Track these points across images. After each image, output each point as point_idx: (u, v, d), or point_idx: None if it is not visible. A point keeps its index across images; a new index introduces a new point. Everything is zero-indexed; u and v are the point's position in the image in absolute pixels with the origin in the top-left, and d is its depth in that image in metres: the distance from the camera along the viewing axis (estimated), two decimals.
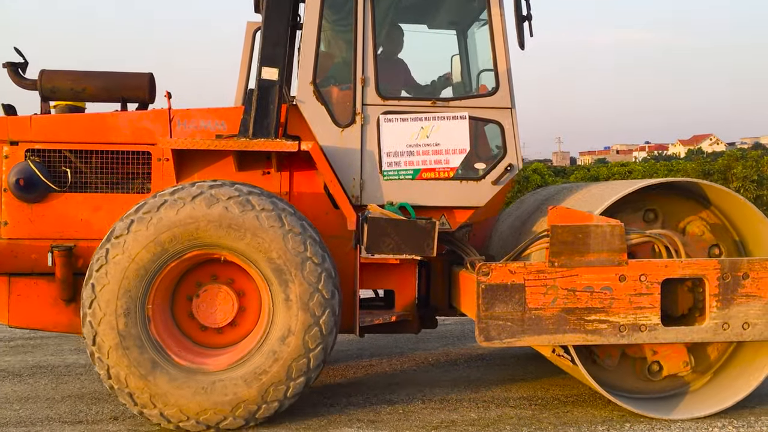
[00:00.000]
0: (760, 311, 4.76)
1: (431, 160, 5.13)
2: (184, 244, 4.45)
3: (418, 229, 4.89)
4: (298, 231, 4.49)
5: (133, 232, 4.40)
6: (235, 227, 4.43)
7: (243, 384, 4.47)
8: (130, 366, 4.41)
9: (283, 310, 4.49)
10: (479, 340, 4.63)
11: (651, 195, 5.07)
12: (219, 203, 4.44)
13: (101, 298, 4.39)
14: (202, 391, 4.44)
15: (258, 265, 4.49)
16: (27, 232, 5.08)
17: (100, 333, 4.40)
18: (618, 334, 4.69)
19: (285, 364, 4.48)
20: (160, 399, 4.42)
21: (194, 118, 5.22)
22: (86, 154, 5.15)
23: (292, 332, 4.48)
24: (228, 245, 4.47)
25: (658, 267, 4.72)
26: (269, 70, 5.00)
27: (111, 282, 4.39)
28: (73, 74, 5.24)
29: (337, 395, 5.41)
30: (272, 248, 4.45)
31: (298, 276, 4.47)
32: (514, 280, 4.63)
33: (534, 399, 5.37)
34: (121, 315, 4.40)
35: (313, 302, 4.48)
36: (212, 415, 4.46)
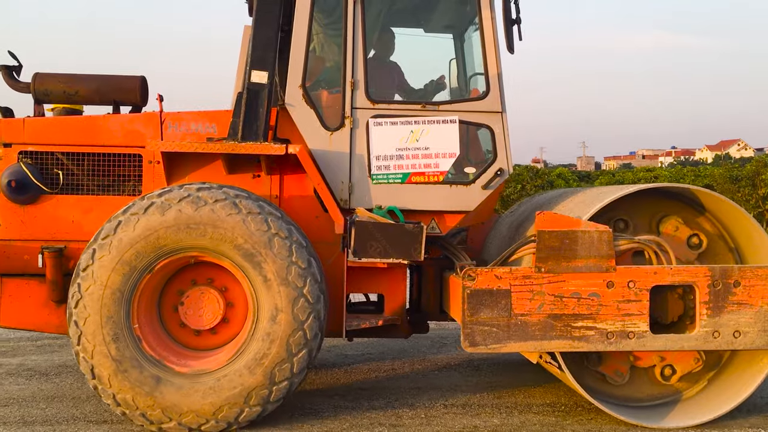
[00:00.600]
0: (752, 319, 4.68)
1: (421, 164, 5.11)
2: (151, 257, 4.46)
3: (406, 233, 4.87)
4: (257, 212, 4.48)
5: (98, 259, 4.42)
6: (194, 225, 4.44)
7: (247, 373, 4.47)
8: (134, 387, 4.43)
9: (265, 291, 4.48)
10: (464, 346, 4.59)
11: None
12: (172, 208, 4.44)
13: (87, 332, 4.41)
14: (211, 392, 4.46)
15: (228, 255, 4.49)
16: (19, 233, 5.12)
17: (96, 365, 4.42)
18: (605, 341, 4.63)
19: (282, 342, 4.46)
20: (173, 410, 4.44)
21: (185, 121, 5.24)
22: (78, 157, 5.19)
23: (279, 309, 4.47)
24: (193, 245, 4.48)
25: (647, 274, 4.66)
26: (259, 74, 5.01)
27: (92, 314, 4.41)
28: (66, 77, 5.28)
29: (359, 399, 5.41)
30: (236, 235, 4.45)
31: (268, 254, 4.46)
32: (500, 285, 4.59)
33: (557, 405, 5.32)
34: (110, 342, 4.42)
35: (291, 275, 4.47)
36: (228, 411, 4.46)
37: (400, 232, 4.86)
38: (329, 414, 5.01)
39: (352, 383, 5.90)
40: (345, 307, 4.97)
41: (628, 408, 4.97)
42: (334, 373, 6.24)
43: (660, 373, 5.06)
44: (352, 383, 5.91)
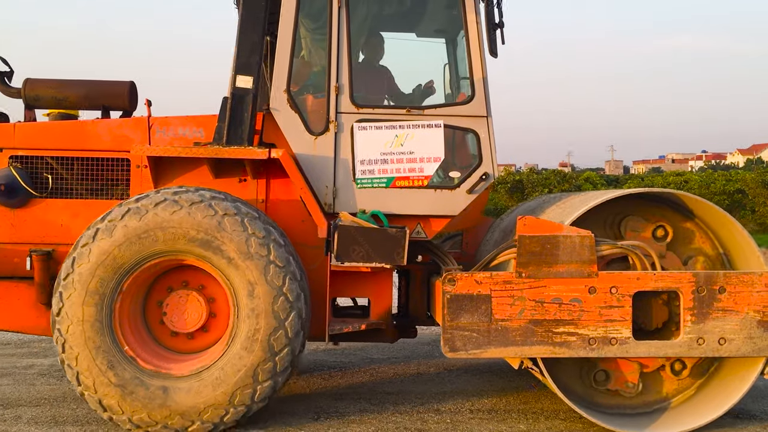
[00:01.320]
0: (737, 326, 4.62)
1: (405, 168, 5.11)
2: (115, 278, 4.52)
3: (389, 237, 4.86)
4: (198, 200, 4.53)
5: (66, 299, 4.49)
6: (144, 235, 4.50)
7: (246, 353, 4.49)
8: (145, 405, 4.47)
9: (233, 271, 4.50)
10: (444, 351, 4.58)
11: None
12: (117, 226, 4.48)
13: (82, 368, 4.48)
14: (220, 382, 4.49)
15: (185, 250, 4.52)
16: (9, 236, 5.19)
17: (102, 396, 4.48)
18: (587, 347, 4.60)
19: (268, 313, 4.48)
20: (192, 412, 4.48)
21: (172, 125, 5.28)
22: (67, 161, 5.25)
23: (254, 284, 4.49)
24: (152, 253, 4.53)
25: (629, 279, 4.61)
26: (244, 79, 5.03)
27: (80, 351, 4.47)
28: (56, 83, 5.35)
29: (384, 402, 5.42)
30: (187, 229, 4.49)
31: (224, 236, 4.48)
32: (480, 290, 4.58)
33: None
34: (107, 370, 4.48)
35: (253, 248, 4.49)
36: (242, 395, 4.49)
37: (383, 237, 4.86)
38: (355, 417, 5.04)
39: (377, 387, 5.92)
40: (328, 311, 4.96)
41: (612, 416, 4.91)
42: (360, 377, 6.27)
43: (671, 370, 4.98)
44: (378, 387, 5.92)
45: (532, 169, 26.93)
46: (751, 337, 4.62)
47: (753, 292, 4.62)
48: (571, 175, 25.54)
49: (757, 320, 4.62)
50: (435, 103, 5.36)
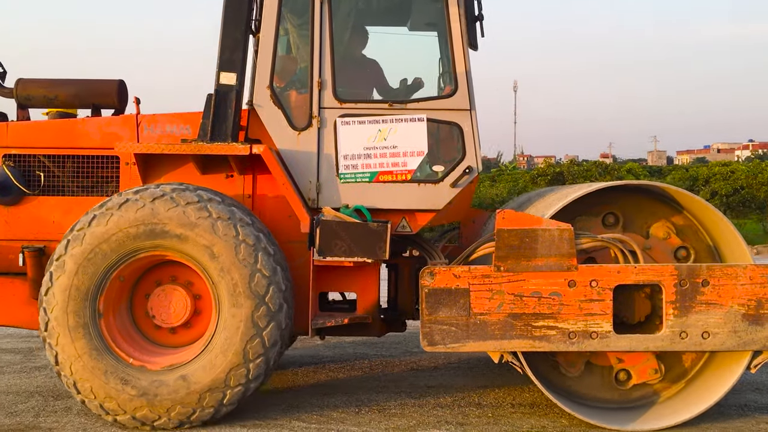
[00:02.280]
0: (721, 320, 4.55)
1: (388, 162, 5.11)
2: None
3: (370, 232, 4.88)
4: (160, 194, 4.61)
5: (51, 322, 4.59)
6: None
7: (244, 327, 4.55)
8: (152, 403, 4.56)
9: (209, 261, 4.56)
10: (423, 345, 4.59)
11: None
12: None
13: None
14: (220, 353, 4.56)
15: (164, 244, 4.60)
16: (3, 233, 5.30)
17: (112, 410, 4.57)
18: (567, 341, 4.57)
19: (244, 274, 4.54)
20: (201, 394, 4.56)
21: (160, 123, 5.35)
22: (59, 159, 5.35)
23: (227, 270, 4.56)
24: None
25: (610, 272, 4.57)
26: (227, 75, 5.08)
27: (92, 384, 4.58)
28: (46, 82, 5.45)
29: (425, 396, 5.45)
30: (165, 220, 4.58)
31: (195, 229, 4.55)
32: (459, 284, 4.57)
33: None
34: (122, 388, 4.56)
35: (223, 224, 4.56)
36: (237, 372, 4.55)
37: (365, 231, 4.88)
38: (396, 410, 5.07)
39: (418, 380, 5.95)
40: (311, 306, 4.98)
41: (596, 409, 4.88)
42: (400, 370, 6.32)
43: (615, 377, 4.96)
44: (418, 380, 5.95)
45: (572, 161, 26.54)
46: (736, 331, 4.55)
47: (737, 285, 4.54)
48: (613, 166, 25.03)
49: (741, 314, 4.55)
50: (418, 97, 5.34)
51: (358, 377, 6.08)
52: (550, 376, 4.97)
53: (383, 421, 4.83)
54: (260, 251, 4.57)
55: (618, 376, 4.95)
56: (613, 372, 4.95)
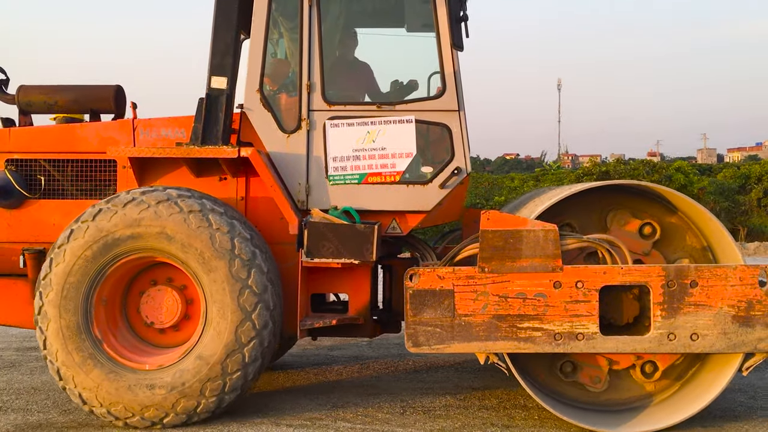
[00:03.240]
0: (711, 321, 4.47)
1: (377, 164, 5.13)
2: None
3: (357, 233, 4.90)
4: (130, 199, 4.73)
5: (48, 333, 4.71)
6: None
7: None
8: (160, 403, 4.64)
9: (195, 260, 4.64)
10: (407, 346, 4.60)
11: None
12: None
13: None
14: (217, 337, 4.64)
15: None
16: (6, 235, 5.45)
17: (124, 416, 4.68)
18: (553, 343, 4.54)
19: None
20: (203, 384, 4.65)
21: (156, 127, 5.44)
22: (59, 163, 5.48)
23: (215, 269, 4.63)
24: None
25: (595, 273, 4.53)
26: (218, 80, 5.15)
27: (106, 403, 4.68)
28: (46, 89, 5.58)
29: (470, 398, 5.47)
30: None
31: (173, 227, 4.65)
32: (443, 285, 4.57)
33: None
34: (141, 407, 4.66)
35: (198, 219, 4.64)
36: (233, 359, 4.63)
37: (352, 233, 4.90)
38: (441, 412, 5.09)
39: (463, 382, 5.97)
40: (301, 307, 5.02)
41: (586, 412, 4.83)
42: (445, 372, 6.34)
43: (642, 371, 4.89)
44: (463, 382, 5.97)
45: (618, 160, 25.97)
46: (726, 333, 4.47)
47: (727, 286, 4.46)
48: (661, 165, 24.42)
49: (731, 315, 4.47)
50: (407, 99, 5.35)
51: (402, 378, 6.09)
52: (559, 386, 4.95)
53: (428, 422, 4.83)
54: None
55: (644, 369, 4.89)
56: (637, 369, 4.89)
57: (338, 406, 5.23)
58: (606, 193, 4.89)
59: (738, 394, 5.50)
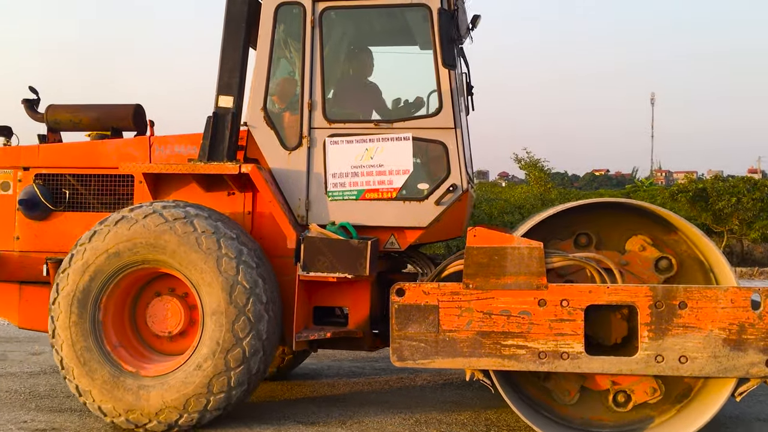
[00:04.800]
0: (700, 344, 4.37)
1: (375, 180, 5.23)
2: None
3: (352, 248, 5.01)
4: (118, 217, 5.01)
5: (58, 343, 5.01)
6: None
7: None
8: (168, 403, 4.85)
9: (192, 266, 4.85)
10: (392, 360, 4.66)
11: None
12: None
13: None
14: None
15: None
16: (34, 245, 5.82)
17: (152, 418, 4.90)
18: (537, 361, 4.52)
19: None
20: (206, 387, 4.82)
21: (170, 144, 5.71)
22: (83, 178, 5.81)
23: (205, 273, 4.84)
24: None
25: (581, 292, 4.49)
26: (225, 98, 5.38)
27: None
28: (72, 108, 5.94)
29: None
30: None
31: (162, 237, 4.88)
32: (428, 300, 4.62)
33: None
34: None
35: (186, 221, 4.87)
36: (234, 352, 4.80)
37: (347, 248, 5.01)
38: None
39: (475, 400, 5.93)
40: (296, 319, 5.15)
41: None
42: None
43: (613, 400, 4.82)
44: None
45: (716, 176, 25.11)
46: (716, 356, 4.35)
47: (717, 308, 4.35)
48: (763, 182, 23.43)
49: (722, 338, 4.35)
50: (403, 116, 5.44)
51: (485, 395, 6.03)
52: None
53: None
54: (242, 264, 4.80)
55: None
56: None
57: (421, 421, 5.25)
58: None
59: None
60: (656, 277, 4.77)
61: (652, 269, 4.79)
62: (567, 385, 4.83)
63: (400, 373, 6.88)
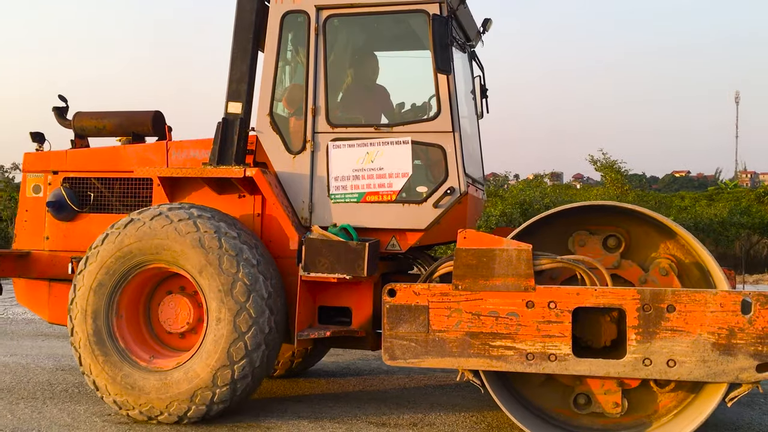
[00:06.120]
0: (689, 348, 4.33)
1: (375, 183, 5.35)
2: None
3: (350, 250, 5.14)
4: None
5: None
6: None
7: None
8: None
9: (195, 264, 5.08)
10: (384, 359, 4.78)
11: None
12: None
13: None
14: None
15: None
16: (62, 245, 6.16)
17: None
18: (525, 362, 4.56)
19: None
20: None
21: (186, 148, 5.96)
22: (107, 181, 6.13)
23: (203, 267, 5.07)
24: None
25: (569, 294, 4.51)
26: (234, 105, 5.59)
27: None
28: (97, 114, 6.27)
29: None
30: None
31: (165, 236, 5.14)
32: (418, 301, 4.72)
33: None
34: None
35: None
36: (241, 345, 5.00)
37: (345, 250, 5.14)
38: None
39: (485, 402, 5.95)
40: (298, 317, 5.31)
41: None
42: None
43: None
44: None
45: None
46: (705, 361, 4.31)
47: (706, 312, 4.31)
48: None
49: (711, 342, 4.30)
50: (402, 121, 5.55)
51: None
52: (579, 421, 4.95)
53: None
54: (242, 262, 5.00)
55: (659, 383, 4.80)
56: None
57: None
58: (571, 216, 4.85)
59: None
60: (610, 257, 4.86)
61: (603, 252, 4.89)
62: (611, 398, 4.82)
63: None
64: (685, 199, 24.27)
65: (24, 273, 6.19)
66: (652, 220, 4.71)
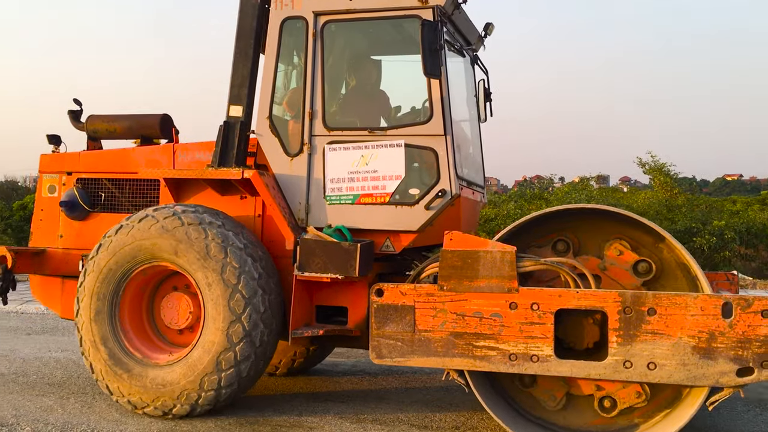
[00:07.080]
0: (669, 351, 4.34)
1: (369, 185, 5.46)
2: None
3: (343, 251, 5.25)
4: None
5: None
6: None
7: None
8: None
9: (191, 258, 5.28)
10: (371, 358, 4.88)
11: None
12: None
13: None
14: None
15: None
16: (75, 243, 6.41)
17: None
18: (508, 363, 4.62)
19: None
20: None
21: (191, 150, 6.15)
22: (117, 182, 6.36)
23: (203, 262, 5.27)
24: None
25: (551, 296, 4.56)
26: (235, 108, 5.76)
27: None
28: (108, 118, 6.50)
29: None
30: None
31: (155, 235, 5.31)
32: (405, 301, 4.81)
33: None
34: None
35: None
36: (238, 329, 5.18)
37: (338, 250, 5.26)
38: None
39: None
40: (293, 315, 5.43)
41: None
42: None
43: (599, 404, 4.84)
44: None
45: None
46: (685, 364, 4.32)
47: (687, 316, 4.32)
48: None
49: (691, 346, 4.31)
50: (396, 124, 5.64)
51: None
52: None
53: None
54: (230, 247, 5.20)
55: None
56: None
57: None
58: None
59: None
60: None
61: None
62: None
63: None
64: (737, 204, 23.69)
65: (39, 270, 6.45)
66: (601, 212, 4.78)
